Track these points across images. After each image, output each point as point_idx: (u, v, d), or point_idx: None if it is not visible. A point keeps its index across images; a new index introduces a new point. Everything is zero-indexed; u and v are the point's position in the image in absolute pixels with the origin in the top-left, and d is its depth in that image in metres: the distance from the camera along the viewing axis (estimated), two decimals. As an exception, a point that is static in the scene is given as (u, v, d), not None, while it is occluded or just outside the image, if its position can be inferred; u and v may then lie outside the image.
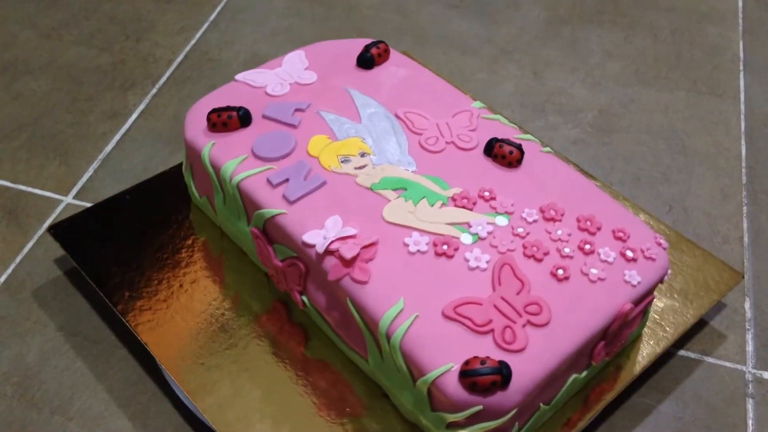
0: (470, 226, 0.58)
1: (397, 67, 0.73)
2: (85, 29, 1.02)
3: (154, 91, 0.94)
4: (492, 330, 0.52)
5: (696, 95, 0.96)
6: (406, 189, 0.61)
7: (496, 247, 0.57)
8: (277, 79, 0.71)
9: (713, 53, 1.02)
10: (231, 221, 0.67)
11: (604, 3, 1.11)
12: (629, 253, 0.58)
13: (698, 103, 0.95)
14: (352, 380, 0.61)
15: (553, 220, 0.60)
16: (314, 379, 0.61)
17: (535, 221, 0.60)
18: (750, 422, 0.65)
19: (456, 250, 0.57)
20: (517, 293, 0.54)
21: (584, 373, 0.59)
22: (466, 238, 0.58)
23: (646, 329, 0.65)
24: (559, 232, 0.59)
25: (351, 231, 0.57)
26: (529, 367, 0.52)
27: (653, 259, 0.58)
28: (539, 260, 0.57)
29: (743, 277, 0.67)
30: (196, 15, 1.06)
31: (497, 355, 0.51)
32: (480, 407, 0.51)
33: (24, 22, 1.03)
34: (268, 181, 0.61)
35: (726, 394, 0.66)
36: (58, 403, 0.64)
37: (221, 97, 0.69)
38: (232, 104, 0.67)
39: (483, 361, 0.50)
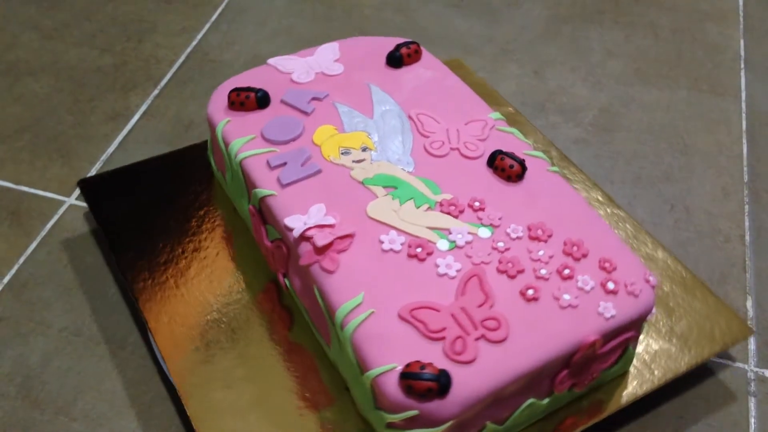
0: (450, 233, 0.58)
1: (425, 69, 0.73)
2: (87, 30, 1.03)
3: (155, 92, 0.94)
4: (443, 338, 0.52)
5: (697, 94, 0.96)
6: (396, 188, 0.62)
7: (470, 257, 0.57)
8: (305, 67, 0.72)
9: (714, 52, 1.02)
10: (237, 198, 0.70)
11: (605, 2, 1.11)
12: (610, 285, 0.55)
13: (699, 102, 0.95)
14: (322, 369, 0.62)
15: (538, 239, 0.58)
16: (294, 363, 0.62)
17: (518, 238, 0.58)
18: (752, 421, 0.65)
19: (429, 254, 0.57)
20: (479, 306, 0.54)
21: (545, 401, 0.57)
22: (442, 244, 0.57)
23: (632, 369, 0.62)
24: (541, 252, 0.57)
25: (330, 220, 0.58)
26: (472, 381, 0.51)
27: (636, 295, 0.56)
28: (512, 277, 0.56)
29: (753, 332, 0.65)
30: (198, 16, 1.06)
31: (443, 364, 0.51)
32: (416, 412, 0.50)
33: (26, 24, 1.04)
34: (268, 163, 0.63)
35: (728, 393, 0.66)
36: (62, 403, 0.64)
37: (249, 78, 0.71)
38: (256, 86, 0.69)
39: (423, 366, 0.50)
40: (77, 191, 0.82)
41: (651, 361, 0.63)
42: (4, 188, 0.82)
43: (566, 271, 0.56)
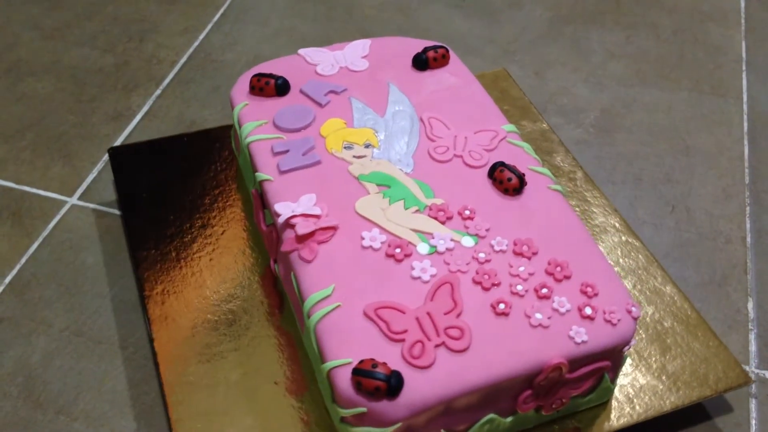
0: (432, 238, 0.58)
1: (449, 75, 0.73)
2: (89, 30, 1.03)
3: (157, 92, 0.94)
4: (403, 340, 0.52)
5: (698, 95, 0.96)
6: (389, 186, 0.62)
7: (448, 264, 0.56)
8: (332, 60, 0.73)
9: (715, 53, 1.02)
10: (248, 180, 0.72)
11: (606, 3, 1.11)
12: (588, 310, 0.54)
13: (700, 103, 0.95)
14: (303, 357, 0.62)
15: (521, 255, 0.57)
16: (279, 347, 0.63)
17: (502, 251, 0.58)
18: (753, 422, 0.65)
19: (407, 256, 0.57)
20: (445, 313, 0.54)
21: (509, 419, 0.56)
22: (422, 248, 0.57)
23: (614, 402, 0.61)
24: (522, 268, 0.56)
25: (317, 211, 0.59)
26: (425, 387, 0.50)
27: (613, 324, 0.54)
28: (486, 289, 0.55)
29: (752, 381, 0.62)
30: (200, 16, 1.06)
31: (398, 365, 0.51)
32: (364, 410, 0.50)
33: (27, 24, 1.04)
34: (272, 149, 0.64)
35: (729, 394, 0.66)
36: (63, 403, 0.64)
37: (276, 65, 0.73)
38: (282, 74, 0.70)
39: (375, 365, 0.50)
40: (79, 191, 0.82)
41: (635, 395, 0.61)
42: (5, 188, 0.82)
43: (544, 291, 0.55)
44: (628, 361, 0.63)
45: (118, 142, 0.87)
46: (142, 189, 0.75)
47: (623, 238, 0.73)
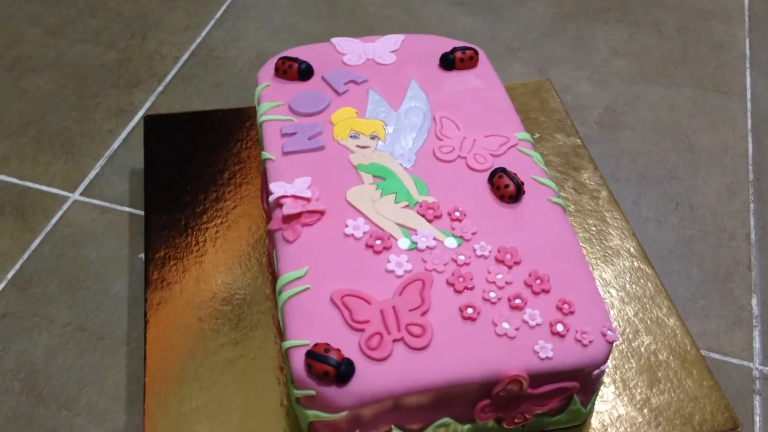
0: (415, 234, 0.58)
1: (474, 77, 0.72)
2: (91, 27, 1.03)
3: (160, 88, 0.94)
4: (363, 330, 0.52)
5: (702, 92, 0.96)
6: (384, 179, 0.62)
7: (425, 262, 0.56)
8: (360, 51, 0.73)
9: (719, 50, 1.02)
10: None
11: (610, 0, 1.11)
12: (559, 327, 0.53)
13: (704, 101, 0.95)
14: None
15: (502, 263, 0.56)
16: (271, 322, 0.64)
17: (483, 256, 0.57)
18: (757, 419, 0.65)
19: (386, 249, 0.57)
20: (411, 310, 0.53)
21: (466, 426, 0.55)
22: (403, 243, 0.57)
23: (589, 428, 0.59)
24: (499, 276, 0.55)
25: (308, 194, 0.60)
26: (375, 379, 0.50)
27: (583, 345, 0.52)
28: (458, 292, 0.54)
29: (740, 425, 0.59)
30: (202, 13, 1.06)
31: (353, 354, 0.51)
32: (313, 393, 0.50)
33: (30, 20, 1.04)
34: (281, 130, 0.65)
35: (733, 391, 0.66)
36: (65, 398, 0.64)
37: (306, 51, 0.73)
38: (309, 60, 0.71)
39: (327, 350, 0.50)
40: (81, 187, 0.82)
41: (610, 424, 0.59)
42: (8, 184, 0.82)
43: (517, 301, 0.54)
44: (611, 388, 0.61)
45: (120, 139, 0.87)
46: (168, 158, 0.77)
47: (636, 263, 0.70)
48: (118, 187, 0.81)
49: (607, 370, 0.60)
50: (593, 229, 0.73)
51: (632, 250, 0.71)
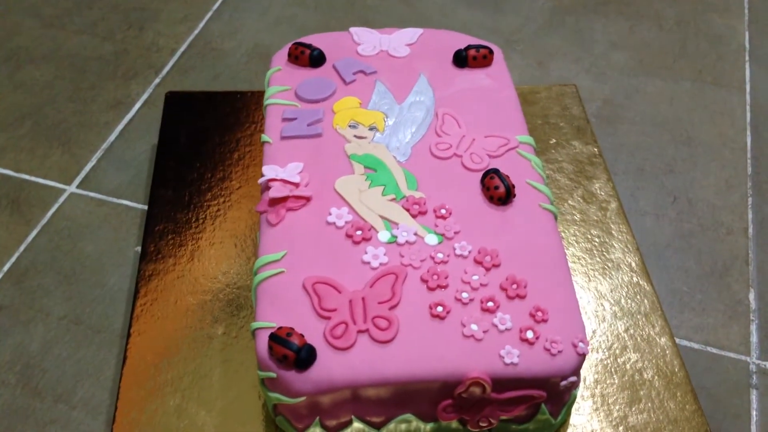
0: (396, 228, 0.58)
1: (485, 76, 0.70)
2: (88, 18, 1.02)
3: (157, 80, 0.94)
4: (329, 318, 0.52)
5: (701, 85, 0.95)
6: (375, 171, 0.62)
7: (402, 257, 0.55)
8: (375, 42, 0.73)
9: (718, 43, 1.02)
10: None
11: (609, -7, 1.10)
12: (529, 334, 0.52)
13: (703, 94, 0.94)
14: None
15: (481, 264, 0.55)
16: None
17: (462, 256, 0.56)
18: (754, 413, 0.65)
19: (366, 240, 0.57)
20: (380, 303, 0.53)
21: (429, 425, 0.55)
22: (383, 235, 0.57)
23: None
24: (475, 277, 0.54)
25: (297, 179, 0.60)
26: (337, 368, 0.50)
27: (552, 354, 0.51)
28: (431, 289, 0.54)
29: None
30: (200, 4, 1.05)
31: (316, 341, 0.51)
32: (274, 375, 0.51)
33: (27, 11, 1.03)
34: (283, 114, 0.66)
35: (730, 385, 0.66)
36: (62, 391, 0.64)
37: (322, 39, 0.74)
38: (324, 47, 0.71)
39: (290, 334, 0.51)
40: (78, 180, 0.81)
41: None
42: (4, 176, 0.82)
43: (489, 304, 0.53)
44: (589, 402, 0.60)
45: (117, 131, 0.87)
46: (183, 135, 0.79)
47: (634, 279, 0.68)
48: (114, 180, 0.81)
49: (585, 383, 0.60)
50: (596, 240, 0.72)
51: (633, 264, 0.69)
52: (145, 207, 0.77)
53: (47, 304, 0.70)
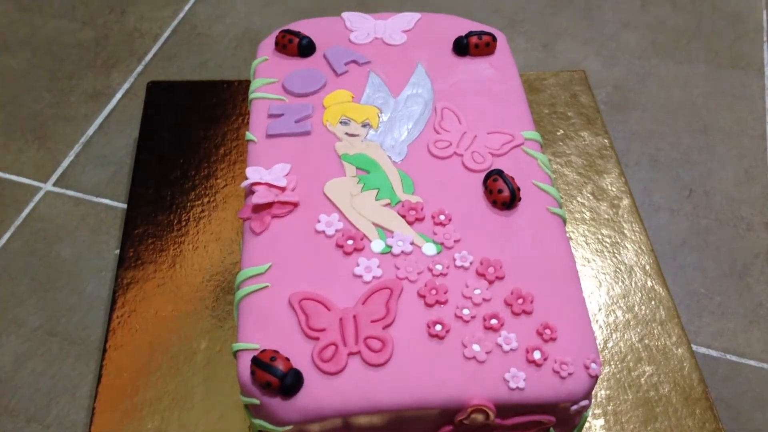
0: (391, 236, 0.53)
1: (488, 66, 0.65)
2: (67, 2, 0.97)
3: (139, 68, 0.89)
4: (317, 339, 0.48)
5: (717, 68, 0.90)
6: (368, 172, 0.57)
7: (398, 269, 0.51)
8: (369, 29, 0.68)
9: (736, 22, 0.97)
10: None
11: (619, -32, 1.05)
12: (536, 355, 0.48)
13: (720, 77, 0.89)
14: None
15: (483, 277, 0.51)
16: None
17: (463, 267, 0.51)
18: (777, 427, 0.61)
19: (357, 250, 0.52)
20: (373, 321, 0.49)
21: None
22: (377, 245, 0.52)
23: None
24: (477, 291, 0.50)
25: (283, 182, 0.56)
26: (325, 395, 0.46)
27: (561, 377, 0.47)
28: (429, 306, 0.50)
29: None
30: (185, -15, 1.00)
31: (303, 365, 0.47)
32: (257, 402, 0.47)
33: (2, -5, 0.98)
34: (269, 110, 0.61)
35: (751, 396, 0.62)
36: (35, 410, 0.61)
37: (313, 25, 0.69)
38: (313, 35, 0.67)
39: (274, 358, 0.46)
40: (54, 177, 0.77)
41: None
42: (-24, 174, 0.77)
43: (493, 321, 0.49)
44: (600, 421, 0.56)
45: (96, 124, 0.82)
46: (165, 128, 0.75)
47: (649, 283, 0.64)
48: (93, 177, 0.77)
49: (596, 399, 0.56)
50: (607, 240, 0.67)
51: (647, 267, 0.65)
52: (126, 206, 0.72)
53: (20, 313, 0.66)
